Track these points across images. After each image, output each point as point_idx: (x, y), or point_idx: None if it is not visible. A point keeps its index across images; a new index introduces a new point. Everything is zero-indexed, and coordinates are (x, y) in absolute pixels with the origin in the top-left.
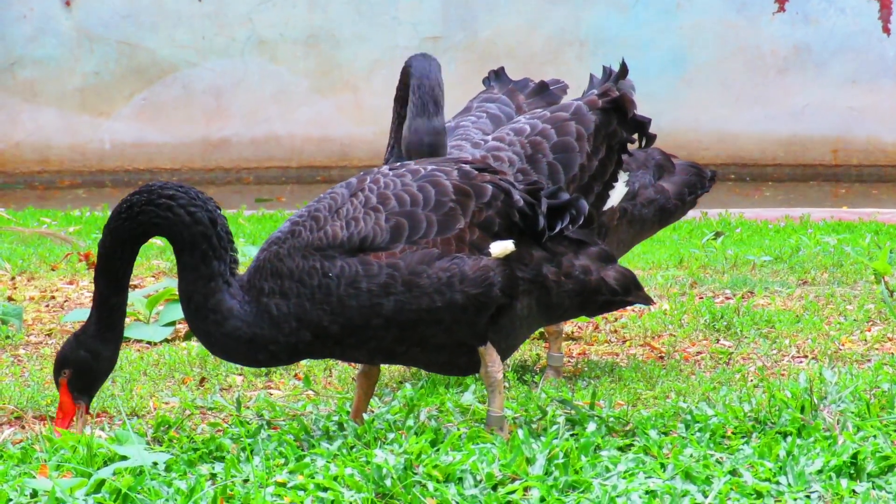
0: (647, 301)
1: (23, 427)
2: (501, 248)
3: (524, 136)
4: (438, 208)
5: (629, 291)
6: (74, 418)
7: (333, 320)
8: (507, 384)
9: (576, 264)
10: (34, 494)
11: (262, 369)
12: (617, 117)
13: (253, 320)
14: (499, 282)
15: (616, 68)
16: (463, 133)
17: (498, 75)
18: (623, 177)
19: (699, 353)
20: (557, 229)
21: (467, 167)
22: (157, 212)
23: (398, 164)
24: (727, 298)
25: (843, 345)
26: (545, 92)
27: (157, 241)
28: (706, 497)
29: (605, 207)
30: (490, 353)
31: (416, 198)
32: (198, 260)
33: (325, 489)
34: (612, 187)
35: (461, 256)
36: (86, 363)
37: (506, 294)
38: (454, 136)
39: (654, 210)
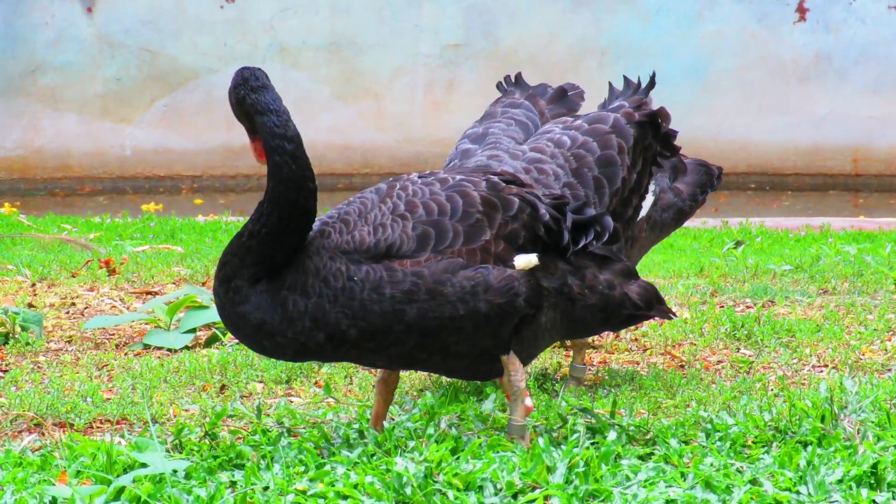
0: (668, 315)
1: (42, 434)
2: (525, 261)
3: (566, 149)
4: (465, 219)
5: (651, 306)
6: None
7: (353, 324)
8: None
9: (600, 279)
10: (53, 501)
11: (283, 377)
12: (651, 130)
13: (265, 308)
14: (524, 292)
15: (635, 78)
16: (494, 141)
17: (517, 80)
18: (651, 186)
19: (720, 361)
20: (581, 245)
21: (495, 179)
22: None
23: (427, 172)
24: (748, 307)
25: (863, 354)
26: (564, 98)
27: (179, 248)
28: None
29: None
30: (514, 362)
31: (443, 207)
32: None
33: (346, 497)
34: (644, 198)
35: (486, 267)
36: None
37: (531, 304)
38: (485, 143)
39: (672, 213)
